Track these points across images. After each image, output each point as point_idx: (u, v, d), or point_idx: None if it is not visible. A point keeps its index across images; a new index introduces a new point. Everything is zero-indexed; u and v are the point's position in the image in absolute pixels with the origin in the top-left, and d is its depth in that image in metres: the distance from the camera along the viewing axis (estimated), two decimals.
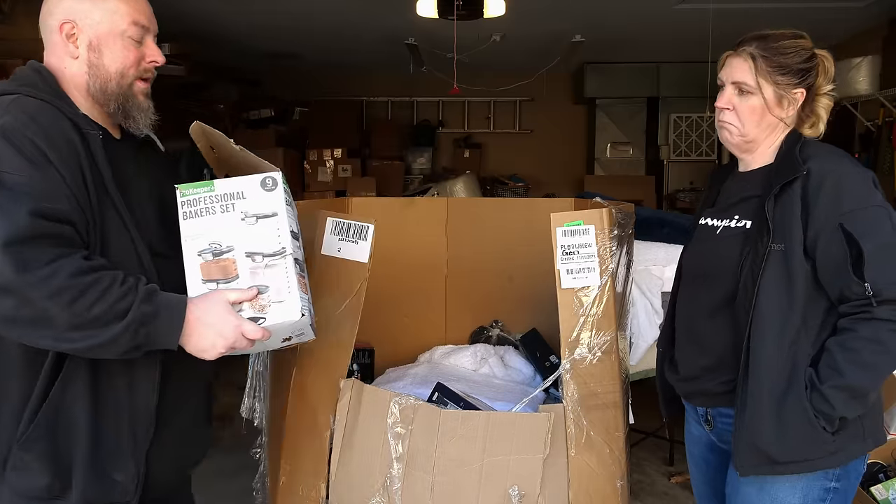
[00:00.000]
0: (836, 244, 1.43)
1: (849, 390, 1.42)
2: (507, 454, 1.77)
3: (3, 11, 3.71)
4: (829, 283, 1.46)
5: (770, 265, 1.48)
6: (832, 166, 1.50)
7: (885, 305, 1.39)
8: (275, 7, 4.67)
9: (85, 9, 1.38)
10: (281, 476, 1.87)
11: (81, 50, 1.39)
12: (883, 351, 1.40)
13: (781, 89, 1.55)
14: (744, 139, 1.60)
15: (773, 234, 1.48)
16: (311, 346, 1.75)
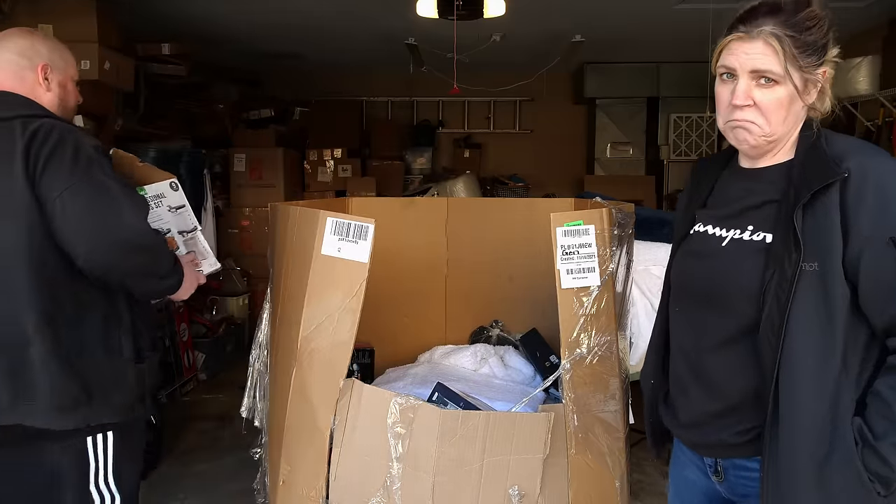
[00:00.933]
0: (887, 262, 1.17)
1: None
2: (507, 454, 1.77)
3: (3, 11, 3.71)
4: (875, 311, 1.20)
5: (802, 289, 1.20)
6: (876, 165, 1.22)
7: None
8: (275, 7, 4.66)
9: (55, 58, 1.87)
10: (281, 476, 1.87)
11: (53, 86, 1.86)
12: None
13: (808, 72, 1.26)
14: (767, 139, 1.30)
15: (805, 250, 1.20)
16: (311, 346, 1.75)
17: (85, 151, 1.73)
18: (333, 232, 1.70)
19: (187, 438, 3.77)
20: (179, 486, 3.26)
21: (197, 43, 5.23)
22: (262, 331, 2.37)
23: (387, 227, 1.71)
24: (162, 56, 4.75)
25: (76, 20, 3.81)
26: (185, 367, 4.51)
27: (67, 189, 1.63)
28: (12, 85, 1.76)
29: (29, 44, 1.81)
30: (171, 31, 5.04)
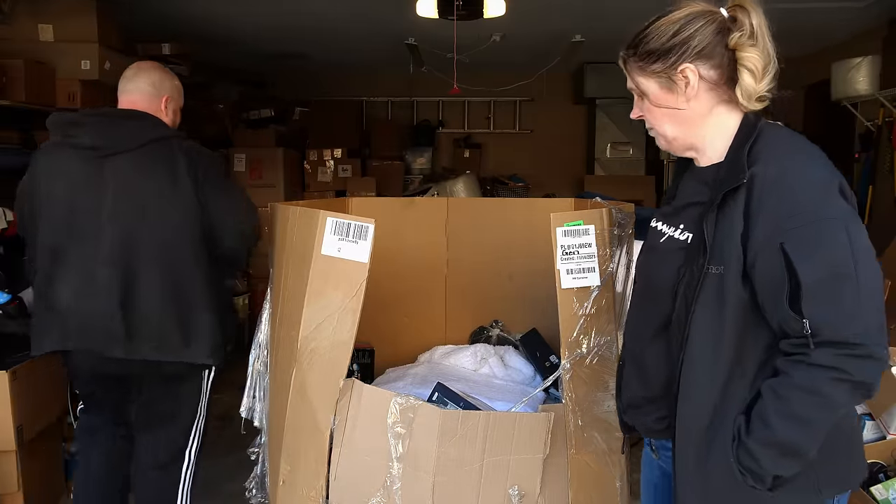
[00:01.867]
0: (776, 268, 1.16)
1: (778, 447, 1.19)
2: (507, 454, 1.77)
3: (3, 11, 3.71)
4: (769, 315, 1.21)
5: (705, 290, 1.24)
6: (781, 168, 1.21)
7: (824, 348, 1.13)
8: (276, 8, 4.66)
9: None
10: (281, 476, 1.87)
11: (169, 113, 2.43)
12: (820, 404, 1.15)
13: (663, 76, 1.31)
14: (666, 140, 1.38)
15: (712, 253, 1.24)
16: (311, 346, 1.75)
17: (220, 163, 2.45)
18: (333, 232, 1.70)
19: None
20: None
21: (199, 43, 5.23)
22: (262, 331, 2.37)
23: (387, 227, 1.71)
24: (162, 56, 4.74)
25: (76, 20, 3.80)
26: None
27: (219, 194, 2.27)
28: (145, 107, 2.32)
29: (159, 78, 2.40)
30: (171, 31, 5.04)
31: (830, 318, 1.13)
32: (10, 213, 3.50)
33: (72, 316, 2.20)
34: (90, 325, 2.19)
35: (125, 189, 2.20)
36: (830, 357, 1.12)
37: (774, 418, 1.18)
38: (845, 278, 1.14)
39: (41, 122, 3.93)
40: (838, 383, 1.13)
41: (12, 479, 2.75)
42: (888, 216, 4.88)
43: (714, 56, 1.28)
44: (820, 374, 1.13)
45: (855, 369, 1.13)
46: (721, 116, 1.33)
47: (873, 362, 1.14)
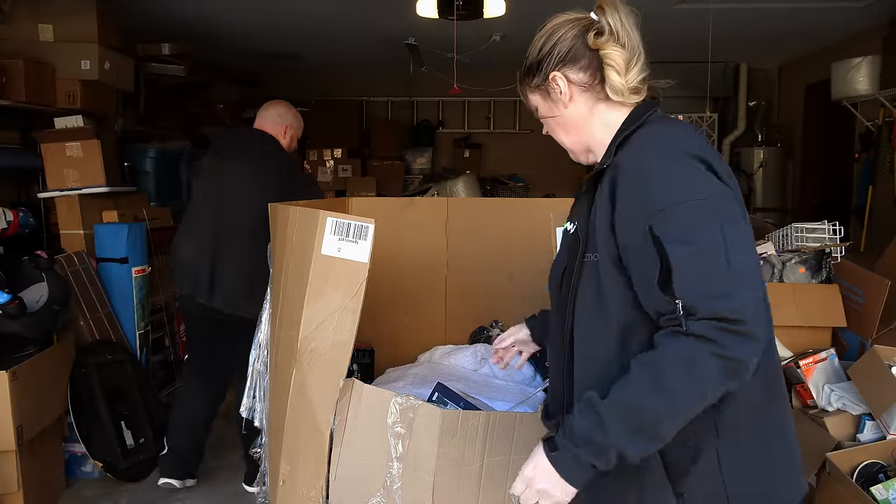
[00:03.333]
0: (647, 253, 1.12)
1: (632, 412, 1.09)
2: (507, 454, 1.77)
3: (3, 11, 3.71)
4: (643, 299, 1.16)
5: (584, 279, 1.23)
6: (641, 155, 1.21)
7: (701, 321, 1.07)
8: (275, 7, 4.66)
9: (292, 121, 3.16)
10: (281, 476, 1.87)
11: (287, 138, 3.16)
12: (689, 374, 1.07)
13: (539, 88, 1.36)
14: (571, 151, 1.40)
15: (588, 241, 1.23)
16: (312, 346, 1.75)
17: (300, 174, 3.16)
18: (333, 232, 1.70)
19: None
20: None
21: (197, 43, 5.23)
22: (262, 331, 2.37)
23: (387, 227, 1.71)
24: (162, 56, 4.75)
25: (76, 20, 3.80)
26: None
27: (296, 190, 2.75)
28: (272, 131, 3.07)
29: (284, 110, 3.13)
30: (170, 31, 5.04)
31: (704, 294, 1.08)
32: (10, 213, 3.51)
33: (182, 267, 3.03)
34: (190, 274, 2.97)
35: (232, 183, 2.95)
36: (707, 328, 1.06)
37: (638, 384, 1.10)
38: (715, 255, 1.10)
39: (41, 122, 3.95)
40: (713, 357, 1.06)
41: (12, 479, 2.75)
42: (888, 216, 4.88)
43: (579, 59, 1.31)
44: (695, 344, 1.07)
45: (731, 344, 1.06)
46: (605, 114, 1.33)
47: (750, 341, 1.07)
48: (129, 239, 3.75)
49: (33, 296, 2.99)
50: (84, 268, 3.59)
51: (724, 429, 1.17)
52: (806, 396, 2.97)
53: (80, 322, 3.41)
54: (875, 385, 2.65)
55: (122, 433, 3.27)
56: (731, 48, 6.08)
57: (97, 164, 3.79)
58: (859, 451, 2.64)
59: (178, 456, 3.17)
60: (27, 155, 3.89)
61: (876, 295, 3.01)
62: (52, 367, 3.03)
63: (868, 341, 2.99)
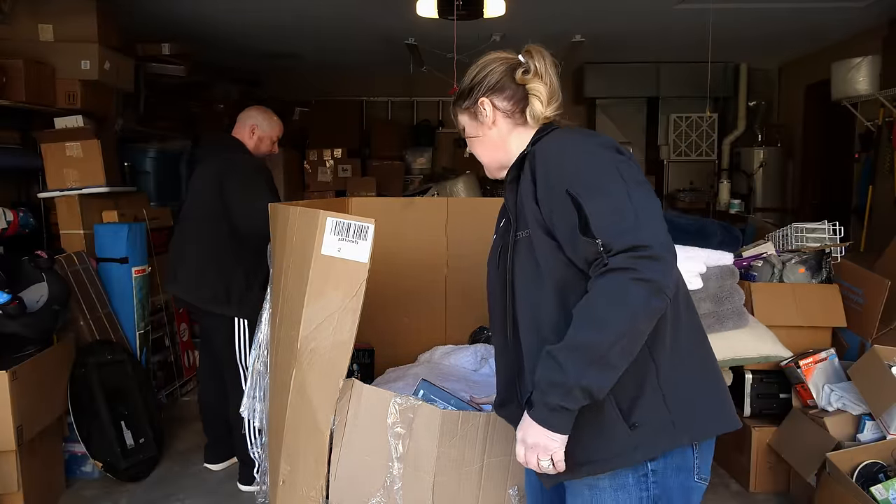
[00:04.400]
0: (569, 212, 1.32)
1: (581, 349, 1.24)
2: (507, 454, 1.77)
3: (3, 11, 3.70)
4: (572, 254, 1.34)
5: (519, 253, 1.42)
6: (554, 139, 1.45)
7: (618, 255, 1.25)
8: (275, 7, 4.66)
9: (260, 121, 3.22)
10: (281, 476, 1.87)
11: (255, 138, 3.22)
12: (616, 301, 1.24)
13: (469, 110, 1.60)
14: (487, 167, 1.63)
15: (518, 221, 1.43)
16: (312, 346, 1.75)
17: (249, 175, 3.06)
18: (333, 232, 1.70)
19: (187, 438, 3.77)
20: (179, 486, 3.25)
21: (197, 43, 5.23)
22: (262, 331, 2.37)
23: (387, 227, 1.71)
24: (162, 56, 4.74)
25: (76, 20, 3.80)
26: (185, 367, 4.51)
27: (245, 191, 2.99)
28: (238, 133, 3.19)
29: (254, 112, 3.23)
30: (170, 31, 5.04)
31: (616, 231, 1.26)
32: (10, 213, 3.51)
33: None
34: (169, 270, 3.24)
35: (192, 184, 3.16)
36: (624, 260, 1.24)
37: (579, 323, 1.26)
38: (620, 198, 1.30)
39: (41, 122, 3.95)
40: (633, 282, 1.23)
41: (12, 479, 2.75)
42: (888, 216, 4.88)
43: (506, 90, 1.55)
44: (616, 276, 1.24)
45: (645, 268, 1.23)
46: (521, 136, 1.56)
47: (661, 263, 1.25)
48: (129, 239, 3.75)
49: (33, 296, 2.99)
50: (84, 268, 3.59)
51: (658, 360, 1.35)
52: (806, 396, 2.97)
53: (80, 322, 3.41)
54: (875, 385, 2.65)
55: (122, 433, 3.27)
56: (731, 48, 6.08)
57: (97, 164, 3.78)
58: (859, 451, 2.64)
59: (209, 441, 3.43)
60: (27, 155, 3.89)
61: (876, 295, 3.01)
62: (52, 367, 3.03)
63: (868, 341, 2.99)
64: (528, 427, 1.32)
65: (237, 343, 3.07)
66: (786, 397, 3.11)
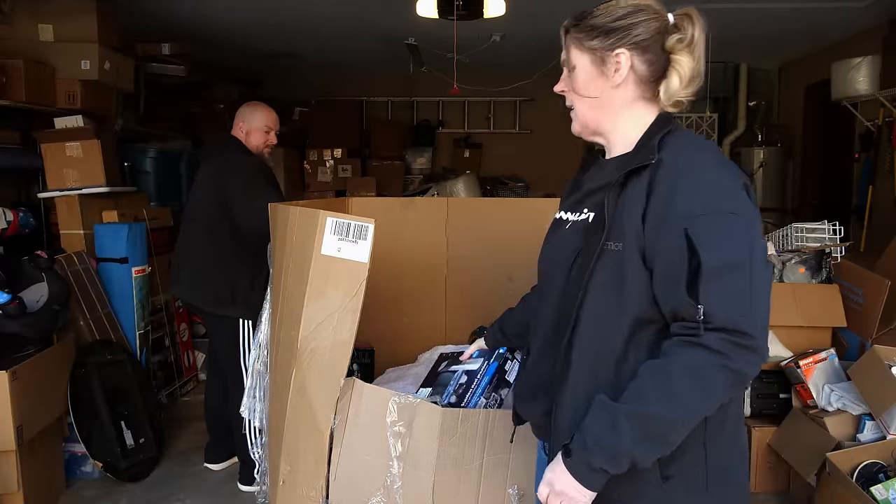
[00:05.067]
0: (677, 253, 1.15)
1: (647, 422, 1.14)
2: (506, 452, 1.77)
3: (3, 11, 3.70)
4: (662, 298, 1.19)
5: (601, 265, 1.23)
6: (689, 159, 1.23)
7: (714, 333, 1.12)
8: (275, 6, 4.66)
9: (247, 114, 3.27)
10: (281, 476, 1.87)
11: (244, 133, 3.27)
12: (699, 384, 1.13)
13: (598, 54, 1.31)
14: (582, 121, 1.37)
15: (611, 230, 1.22)
16: (312, 346, 1.75)
17: (246, 174, 3.06)
18: (333, 232, 1.70)
19: (187, 438, 3.77)
20: (179, 486, 3.25)
21: (197, 43, 5.23)
22: (262, 331, 2.37)
23: (387, 227, 1.71)
24: (162, 56, 4.75)
25: (76, 20, 3.80)
26: (185, 367, 4.51)
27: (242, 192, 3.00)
28: (234, 131, 3.26)
29: (242, 108, 3.34)
30: (170, 31, 5.04)
31: (724, 307, 1.13)
32: (10, 213, 3.51)
33: None
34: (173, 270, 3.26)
35: (197, 188, 3.15)
36: (719, 342, 1.12)
37: (651, 393, 1.14)
38: (742, 272, 1.15)
39: (41, 122, 3.95)
40: (720, 369, 1.12)
41: (12, 479, 2.74)
42: (888, 216, 4.88)
43: (649, 52, 1.30)
44: (705, 356, 1.13)
45: (740, 358, 1.13)
46: (640, 111, 1.34)
47: (756, 356, 1.14)
48: (129, 239, 3.75)
49: (33, 296, 2.99)
50: (84, 268, 3.59)
51: (710, 422, 1.23)
52: (806, 396, 2.97)
53: (80, 322, 3.41)
54: (875, 385, 2.65)
55: (122, 433, 3.27)
56: (731, 48, 6.08)
57: (97, 164, 3.79)
58: (859, 451, 2.64)
59: (210, 440, 3.43)
60: (27, 155, 3.89)
61: (876, 295, 3.01)
62: (52, 367, 3.03)
63: (868, 341, 2.99)
64: (561, 475, 1.21)
65: (240, 344, 3.06)
66: (786, 397, 3.11)
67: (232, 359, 3.09)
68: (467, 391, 1.86)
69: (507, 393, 1.90)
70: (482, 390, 1.86)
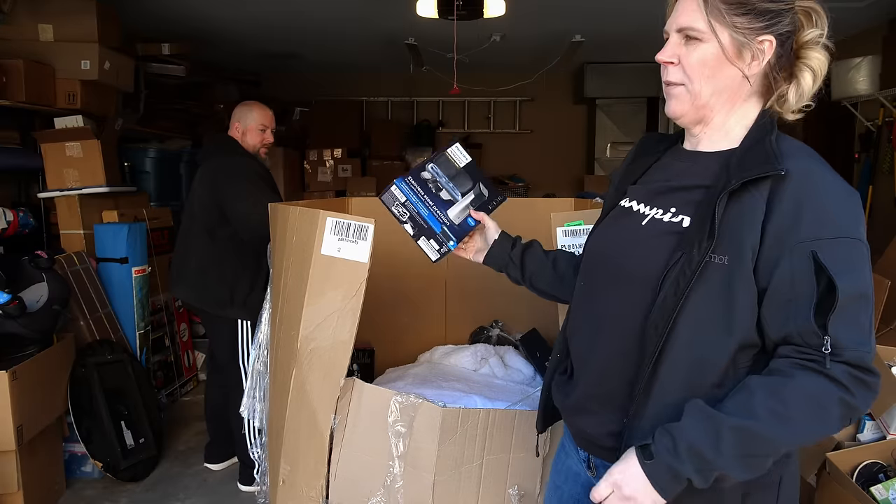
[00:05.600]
0: (803, 275, 1.06)
1: (749, 438, 1.06)
2: (506, 452, 1.77)
3: (3, 11, 3.71)
4: (776, 322, 1.09)
5: (704, 280, 1.10)
6: (819, 174, 1.11)
7: (842, 366, 1.05)
8: (275, 7, 4.66)
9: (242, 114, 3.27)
10: (281, 476, 1.87)
11: (239, 133, 3.28)
12: (817, 413, 1.06)
13: (741, 34, 1.16)
14: (694, 103, 1.20)
15: (718, 240, 1.10)
16: (312, 346, 1.75)
17: (240, 174, 3.06)
18: (333, 232, 1.70)
19: (187, 438, 3.77)
20: (179, 486, 3.25)
21: (197, 43, 5.23)
22: (262, 331, 2.37)
23: (387, 227, 1.71)
24: (162, 56, 4.75)
25: (76, 20, 3.80)
26: (185, 367, 4.51)
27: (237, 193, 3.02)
28: (230, 131, 3.26)
29: (237, 108, 3.35)
30: (170, 31, 5.04)
31: (854, 339, 1.05)
32: (10, 213, 3.51)
33: None
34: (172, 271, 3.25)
35: (196, 189, 3.14)
36: (845, 374, 1.05)
37: (763, 412, 1.05)
38: (868, 302, 1.08)
39: (41, 122, 3.95)
40: (841, 403, 1.06)
41: (12, 479, 2.75)
42: (888, 216, 4.88)
43: (785, 45, 1.19)
44: (831, 388, 1.05)
45: (860, 395, 1.06)
46: (750, 106, 1.22)
47: (873, 395, 1.09)
48: (129, 239, 3.75)
49: (33, 296, 2.99)
50: (84, 268, 3.59)
51: (793, 454, 1.19)
52: None
53: (80, 322, 3.41)
54: None
55: (122, 433, 3.27)
56: None
57: (97, 164, 3.79)
58: (859, 451, 2.64)
59: (211, 440, 3.44)
60: (27, 155, 3.89)
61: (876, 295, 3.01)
62: (52, 367, 3.03)
63: None
64: (634, 477, 1.11)
65: (240, 344, 3.07)
66: None
67: (232, 359, 3.09)
68: (428, 192, 1.64)
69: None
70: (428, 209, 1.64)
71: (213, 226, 3.03)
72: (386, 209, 1.61)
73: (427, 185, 1.63)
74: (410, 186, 1.61)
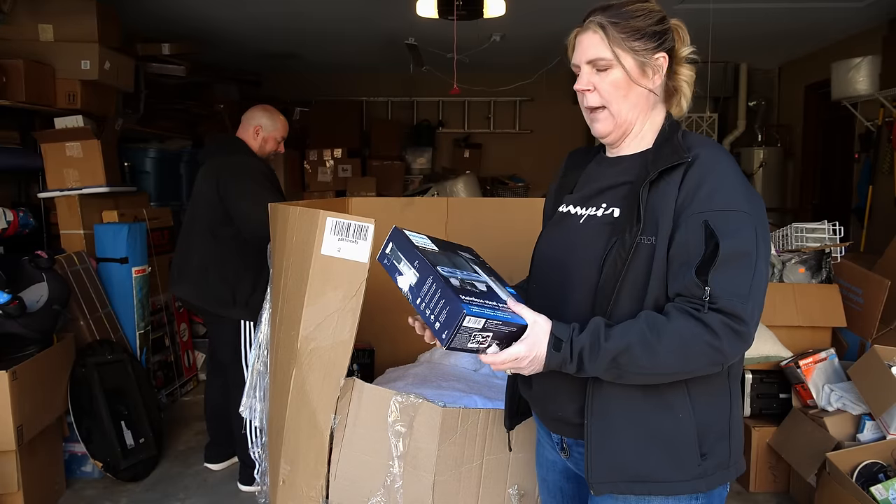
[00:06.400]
0: (696, 240, 1.23)
1: (621, 355, 1.21)
2: (506, 452, 1.77)
3: (3, 11, 3.71)
4: (674, 280, 1.25)
5: (636, 259, 1.27)
6: (719, 160, 1.30)
7: (715, 314, 1.19)
8: (275, 8, 4.66)
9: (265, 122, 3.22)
10: (281, 476, 1.87)
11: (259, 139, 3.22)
12: (682, 352, 1.20)
13: (641, 56, 1.35)
14: (616, 122, 1.39)
15: (644, 225, 1.27)
16: (312, 346, 1.75)
17: (249, 176, 3.05)
18: (333, 232, 1.70)
19: (187, 438, 3.77)
20: (179, 486, 3.25)
21: (197, 43, 5.23)
22: (262, 331, 2.37)
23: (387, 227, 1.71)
24: (162, 56, 4.75)
25: (76, 20, 3.80)
26: (185, 367, 4.51)
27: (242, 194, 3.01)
28: (242, 134, 3.20)
29: (259, 112, 3.23)
30: (171, 31, 5.04)
31: (730, 291, 1.20)
32: (10, 213, 3.51)
33: None
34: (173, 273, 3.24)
35: (196, 185, 3.16)
36: (717, 321, 1.19)
37: (638, 337, 1.21)
38: (749, 264, 1.22)
39: (41, 122, 3.95)
40: (708, 347, 1.19)
41: (12, 479, 2.75)
42: (888, 216, 4.88)
43: (672, 58, 1.39)
44: (700, 331, 1.19)
45: (728, 341, 1.20)
46: (657, 112, 1.42)
47: (743, 344, 1.22)
48: (129, 239, 3.75)
49: (33, 296, 2.99)
50: (84, 268, 3.59)
51: (734, 398, 1.34)
52: (806, 396, 2.97)
53: (80, 322, 3.41)
54: (875, 385, 2.66)
55: (122, 433, 3.27)
56: (731, 48, 6.08)
57: (97, 164, 3.79)
58: (859, 451, 2.64)
59: (211, 440, 3.43)
60: (27, 155, 3.89)
61: (876, 295, 3.02)
62: (52, 367, 3.03)
63: (868, 341, 2.99)
64: (536, 358, 1.25)
65: (241, 344, 3.06)
66: (786, 397, 3.12)
67: (232, 359, 3.08)
68: (474, 295, 1.28)
69: None
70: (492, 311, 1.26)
71: (215, 225, 3.02)
72: (386, 208, 1.56)
73: (467, 288, 1.29)
74: (478, 304, 1.23)
